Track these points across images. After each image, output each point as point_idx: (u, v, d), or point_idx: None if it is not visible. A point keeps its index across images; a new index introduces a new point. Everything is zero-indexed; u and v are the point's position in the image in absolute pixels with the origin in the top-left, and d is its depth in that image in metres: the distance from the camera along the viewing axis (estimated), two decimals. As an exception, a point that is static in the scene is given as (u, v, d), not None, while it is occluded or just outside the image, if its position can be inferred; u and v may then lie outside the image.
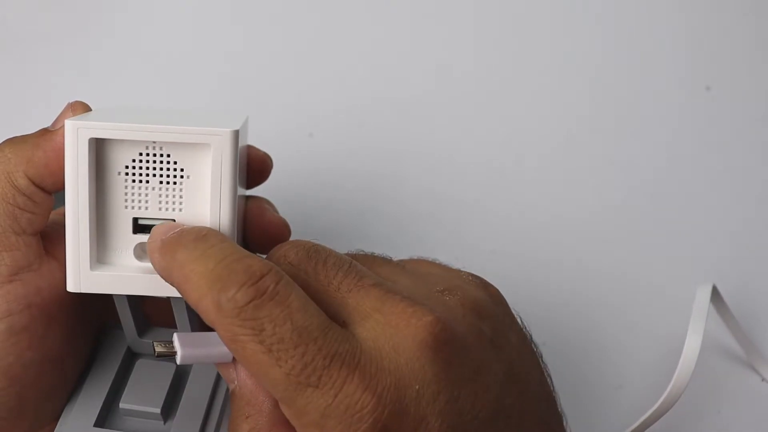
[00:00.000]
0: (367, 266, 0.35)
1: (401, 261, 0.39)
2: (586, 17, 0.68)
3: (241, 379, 0.34)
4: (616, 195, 0.62)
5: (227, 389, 0.39)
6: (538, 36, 0.68)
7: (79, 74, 0.65)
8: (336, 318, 0.32)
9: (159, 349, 0.33)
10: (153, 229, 0.34)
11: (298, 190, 0.60)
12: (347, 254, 0.36)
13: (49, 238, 0.37)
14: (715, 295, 0.51)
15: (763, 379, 0.54)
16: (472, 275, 0.37)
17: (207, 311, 0.30)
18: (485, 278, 0.38)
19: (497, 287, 0.38)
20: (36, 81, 0.65)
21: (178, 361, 0.32)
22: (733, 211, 0.61)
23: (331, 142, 0.64)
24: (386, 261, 0.37)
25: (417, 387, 0.30)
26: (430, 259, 0.39)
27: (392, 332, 0.31)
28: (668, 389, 0.47)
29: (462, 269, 0.38)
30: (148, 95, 0.65)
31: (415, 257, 0.40)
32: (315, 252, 0.34)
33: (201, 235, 0.32)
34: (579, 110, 0.66)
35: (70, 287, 0.35)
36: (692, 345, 0.48)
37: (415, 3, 0.69)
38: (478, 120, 0.65)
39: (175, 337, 0.33)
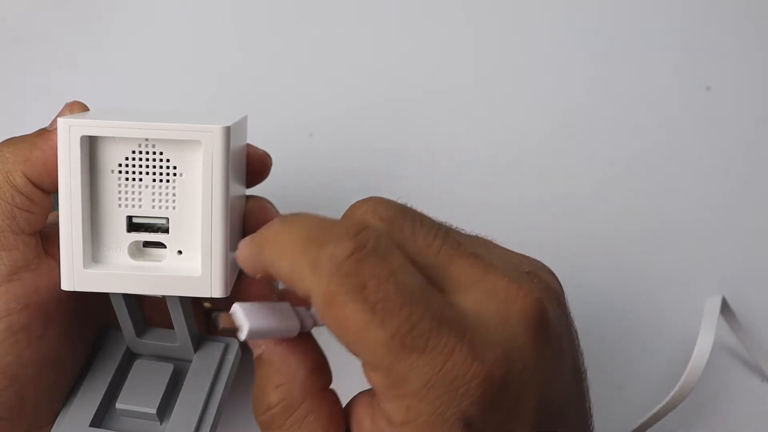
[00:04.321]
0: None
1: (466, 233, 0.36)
2: (585, 17, 0.68)
3: (269, 343, 0.32)
4: (615, 195, 0.62)
5: (224, 390, 0.39)
6: (538, 35, 0.68)
7: (78, 74, 0.65)
8: (434, 283, 0.30)
9: (223, 324, 0.30)
10: (240, 242, 0.32)
11: (297, 190, 0.60)
12: None
13: (48, 239, 0.37)
14: (724, 304, 0.51)
15: (763, 379, 0.54)
16: (538, 261, 0.36)
17: (301, 275, 0.28)
18: None
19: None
20: (36, 81, 0.65)
21: (244, 336, 0.30)
22: (734, 211, 0.61)
23: (331, 142, 0.64)
24: (461, 231, 0.34)
25: (521, 364, 0.29)
26: (488, 238, 0.36)
27: (499, 305, 0.30)
28: (672, 393, 0.47)
29: (524, 254, 0.36)
30: (148, 95, 0.65)
31: (473, 234, 0.37)
32: (406, 211, 0.32)
33: (286, 215, 0.31)
34: (578, 110, 0.65)
35: (65, 286, 0.35)
36: (701, 351, 0.48)
37: (415, 3, 0.69)
38: (478, 120, 0.65)
39: (237, 308, 0.30)
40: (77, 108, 0.37)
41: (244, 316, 0.30)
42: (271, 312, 0.31)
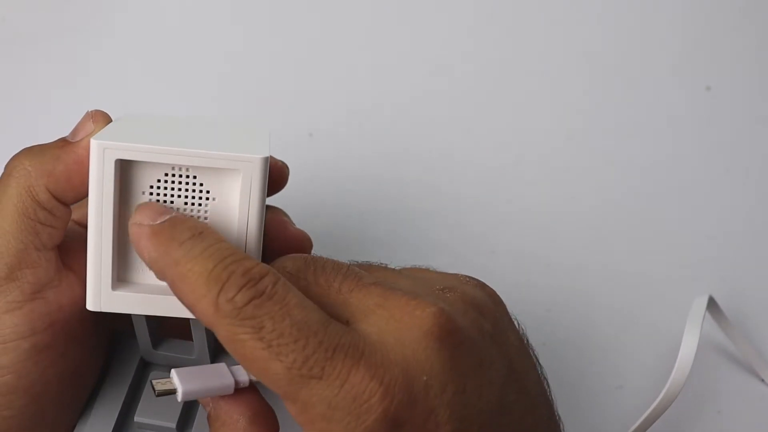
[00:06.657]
0: (364, 270, 0.35)
1: (397, 268, 0.38)
2: (586, 17, 0.68)
3: (215, 401, 0.34)
4: (615, 195, 0.62)
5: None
6: (538, 36, 0.68)
7: (79, 74, 0.65)
8: (338, 318, 0.31)
9: (159, 388, 0.32)
10: (138, 206, 0.33)
11: (297, 191, 0.59)
12: None
13: (65, 249, 0.36)
14: (712, 304, 0.52)
15: (762, 380, 0.54)
16: (469, 277, 0.37)
17: (204, 312, 0.30)
18: (483, 279, 0.38)
19: (497, 288, 0.37)
20: (36, 81, 0.64)
21: (179, 398, 0.32)
22: (733, 211, 0.62)
23: (331, 142, 0.64)
24: (382, 266, 0.37)
25: (425, 378, 0.30)
26: (424, 267, 0.39)
27: (396, 325, 0.31)
28: (663, 393, 0.48)
29: (459, 273, 0.38)
30: (149, 95, 0.64)
31: (409, 266, 0.39)
32: (312, 260, 0.34)
33: (197, 233, 0.32)
34: (579, 110, 0.66)
35: (90, 306, 0.34)
36: (688, 348, 0.49)
37: (415, 3, 0.69)
38: (478, 120, 0.65)
39: (173, 374, 0.32)
40: (100, 118, 0.35)
41: (178, 381, 0.32)
42: (205, 374, 0.33)
